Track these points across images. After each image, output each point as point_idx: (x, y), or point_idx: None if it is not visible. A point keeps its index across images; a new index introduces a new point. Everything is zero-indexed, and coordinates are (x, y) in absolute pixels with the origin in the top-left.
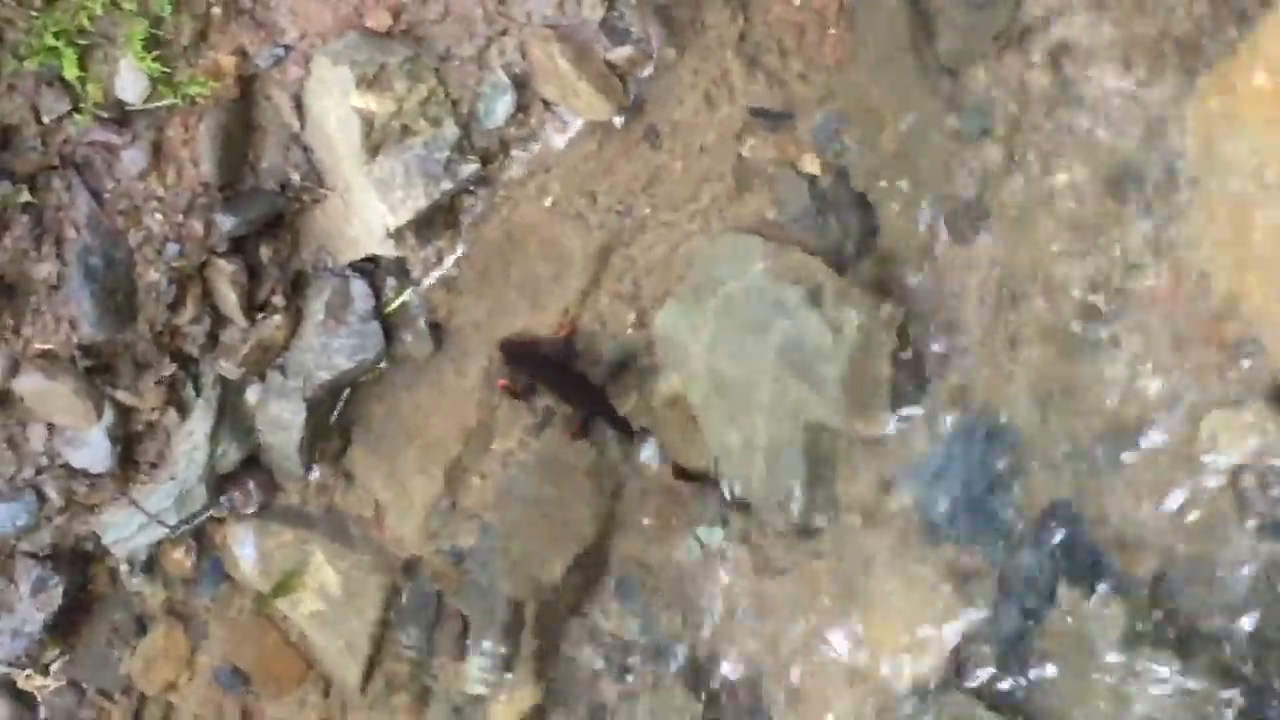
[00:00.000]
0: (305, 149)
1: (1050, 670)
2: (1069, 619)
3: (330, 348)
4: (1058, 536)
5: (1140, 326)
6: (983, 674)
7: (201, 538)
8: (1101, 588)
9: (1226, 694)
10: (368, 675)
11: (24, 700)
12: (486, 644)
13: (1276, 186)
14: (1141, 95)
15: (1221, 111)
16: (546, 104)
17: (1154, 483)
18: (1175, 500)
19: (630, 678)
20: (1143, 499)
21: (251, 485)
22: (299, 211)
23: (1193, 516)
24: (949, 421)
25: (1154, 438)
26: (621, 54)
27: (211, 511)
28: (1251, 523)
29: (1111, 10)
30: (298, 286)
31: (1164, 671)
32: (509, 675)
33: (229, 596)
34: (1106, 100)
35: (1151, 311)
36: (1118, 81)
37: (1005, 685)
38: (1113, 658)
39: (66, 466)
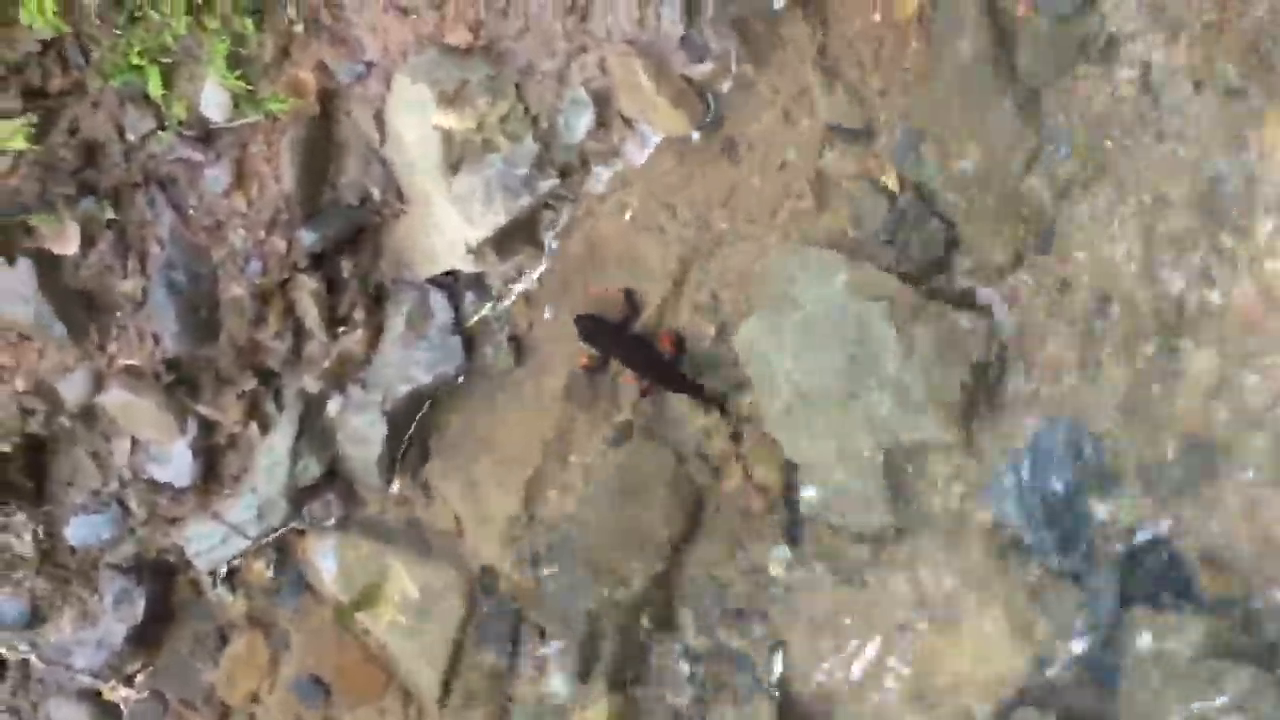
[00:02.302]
0: (385, 164)
1: (1128, 687)
2: (1149, 635)
3: (410, 361)
4: (1140, 551)
5: (1226, 341)
6: (1060, 689)
7: (282, 550)
8: (1184, 604)
9: None
10: (446, 687)
11: (109, 711)
12: (565, 657)
13: None
14: (1223, 111)
15: None
16: (626, 119)
17: (1241, 500)
18: (1261, 519)
19: (708, 690)
20: (1229, 516)
21: (332, 498)
22: (379, 226)
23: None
24: (1030, 435)
25: (1240, 455)
26: (701, 70)
27: (292, 524)
28: None
29: (1191, 26)
30: (378, 301)
31: (1245, 690)
32: (587, 688)
33: (310, 607)
34: (1188, 116)
35: (1238, 326)
36: (1199, 97)
37: (1083, 701)
38: (1192, 675)
39: (150, 480)
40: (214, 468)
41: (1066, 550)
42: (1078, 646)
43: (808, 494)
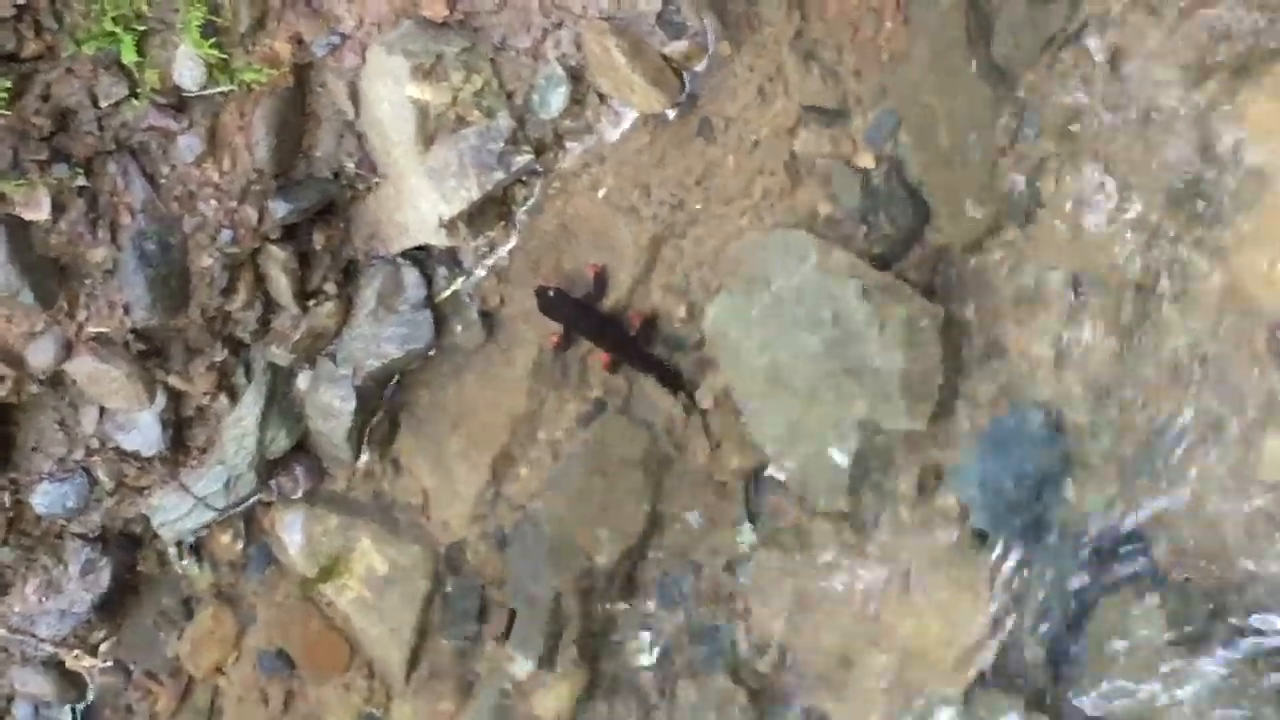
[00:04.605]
0: (359, 137)
1: (1092, 669)
2: (1114, 619)
3: (381, 336)
4: (1105, 536)
5: (1199, 325)
6: (1024, 672)
7: (249, 522)
8: (1151, 589)
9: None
10: (412, 661)
11: (72, 680)
12: (530, 632)
13: None
14: (1198, 96)
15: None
16: (601, 96)
17: (1207, 487)
18: (1226, 504)
19: (674, 668)
20: (1194, 502)
21: (300, 471)
22: (352, 199)
23: (1243, 522)
24: (998, 419)
25: (1209, 441)
26: (677, 48)
27: (260, 496)
28: None
29: (1168, 11)
30: (349, 274)
31: (1209, 671)
32: (553, 664)
33: (276, 581)
34: (1162, 100)
35: (1211, 309)
36: (1174, 82)
37: (1046, 684)
38: (1156, 658)
39: (117, 449)
40: (182, 438)
41: (1033, 535)
42: (1044, 630)
43: (775, 474)
